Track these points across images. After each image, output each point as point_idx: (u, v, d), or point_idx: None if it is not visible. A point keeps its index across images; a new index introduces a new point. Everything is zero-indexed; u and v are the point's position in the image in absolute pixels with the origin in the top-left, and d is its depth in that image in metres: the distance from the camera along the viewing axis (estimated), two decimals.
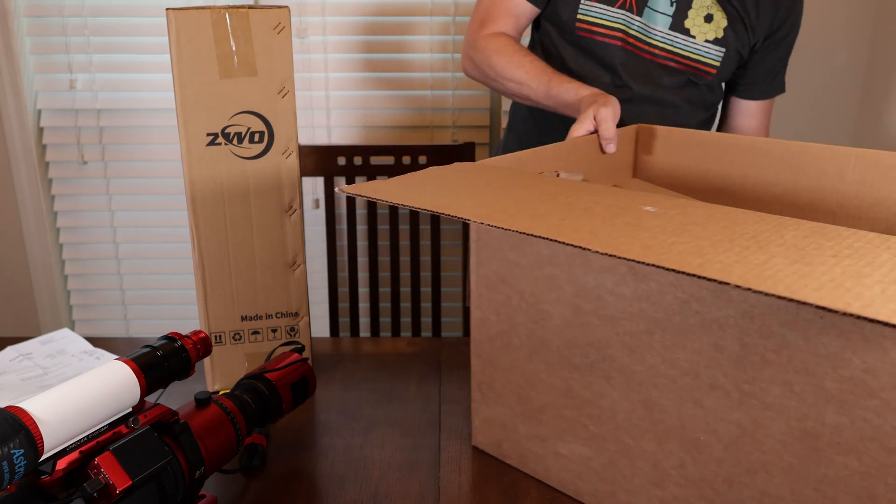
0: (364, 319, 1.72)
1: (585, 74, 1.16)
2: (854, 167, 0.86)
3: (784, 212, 0.91)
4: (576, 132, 0.95)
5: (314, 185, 1.88)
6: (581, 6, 1.14)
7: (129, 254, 1.96)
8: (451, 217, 0.59)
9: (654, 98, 1.17)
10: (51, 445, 0.51)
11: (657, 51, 1.14)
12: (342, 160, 1.50)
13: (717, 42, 1.14)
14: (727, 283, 0.44)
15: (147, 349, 0.61)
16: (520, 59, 1.12)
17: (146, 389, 0.59)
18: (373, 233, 1.54)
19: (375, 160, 1.51)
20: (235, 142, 0.83)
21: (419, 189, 0.67)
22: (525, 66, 1.11)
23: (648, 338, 0.60)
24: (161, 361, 0.61)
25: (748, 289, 0.43)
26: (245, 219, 0.86)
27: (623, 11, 1.12)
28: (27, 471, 0.49)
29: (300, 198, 0.87)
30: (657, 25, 1.13)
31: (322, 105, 1.83)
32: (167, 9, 0.78)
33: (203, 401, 0.66)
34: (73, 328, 2.02)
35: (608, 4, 1.12)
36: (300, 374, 0.77)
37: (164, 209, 1.91)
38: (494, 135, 1.88)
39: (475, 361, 0.77)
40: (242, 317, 0.89)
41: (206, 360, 0.89)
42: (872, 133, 1.79)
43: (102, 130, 1.85)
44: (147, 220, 1.93)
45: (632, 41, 1.14)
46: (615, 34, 1.14)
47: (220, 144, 0.83)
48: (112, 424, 0.57)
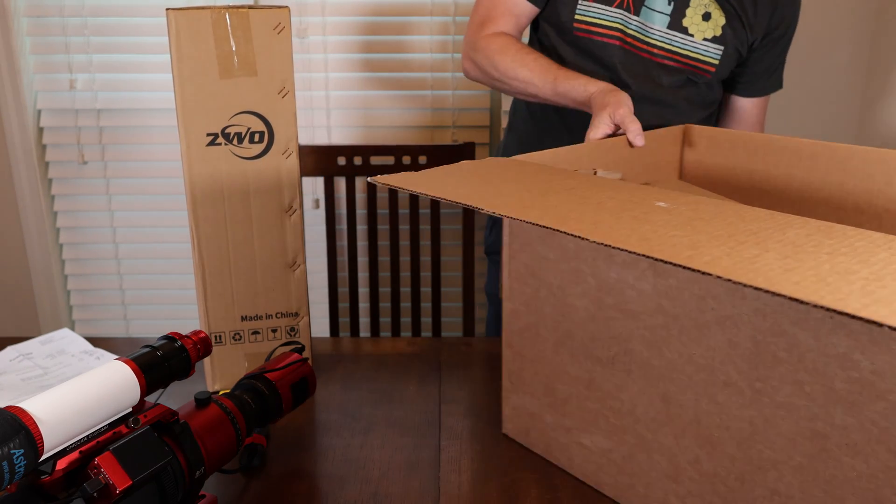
0: (364, 319, 1.72)
1: (585, 74, 1.16)
2: None
3: (829, 215, 0.90)
4: (593, 136, 0.95)
5: (314, 185, 1.88)
6: (579, 6, 1.13)
7: (129, 254, 1.96)
8: (466, 206, 0.61)
9: (654, 98, 1.17)
10: (51, 445, 0.51)
11: (656, 50, 1.14)
12: (342, 160, 1.50)
13: (716, 40, 1.14)
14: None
15: (147, 349, 0.61)
16: (523, 58, 1.12)
17: (146, 389, 0.59)
18: (373, 233, 1.54)
19: (375, 160, 1.51)
20: (235, 142, 0.83)
21: (447, 181, 0.69)
22: (529, 65, 1.11)
23: (666, 333, 0.61)
24: (161, 361, 0.61)
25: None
26: (245, 219, 0.86)
27: (621, 11, 1.12)
28: (27, 471, 0.49)
29: (300, 198, 0.87)
30: (655, 24, 1.13)
31: (322, 105, 1.83)
32: (167, 9, 0.78)
33: (203, 401, 0.66)
34: (73, 328, 2.02)
35: (606, 4, 1.12)
36: (300, 374, 0.77)
37: (164, 209, 1.91)
38: (494, 135, 1.88)
39: (506, 351, 0.78)
40: (242, 317, 0.89)
41: (206, 360, 0.89)
42: (874, 132, 1.79)
43: (102, 130, 1.85)
44: (147, 220, 1.93)
45: (630, 40, 1.14)
46: (613, 33, 1.14)
47: (220, 144, 0.83)
48: (112, 424, 0.57)
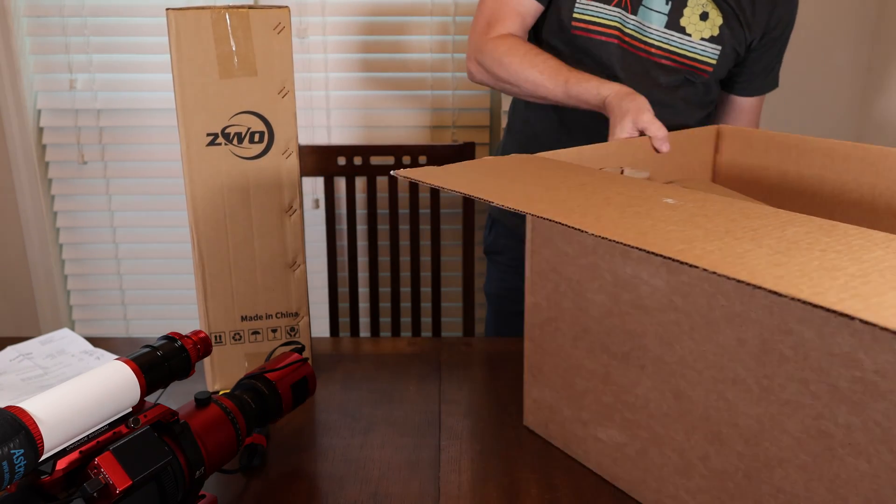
0: (364, 319, 1.72)
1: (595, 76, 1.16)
2: None
3: (862, 217, 0.89)
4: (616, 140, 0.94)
5: (314, 185, 1.88)
6: (577, 4, 1.13)
7: (129, 254, 1.96)
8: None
9: (651, 97, 1.16)
10: (51, 445, 0.51)
11: (653, 49, 1.14)
12: (342, 160, 1.50)
13: (713, 40, 1.14)
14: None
15: (147, 349, 0.61)
16: (532, 59, 1.10)
17: (146, 389, 0.59)
18: (373, 233, 1.54)
19: (375, 160, 1.51)
20: (235, 142, 0.83)
21: (466, 176, 0.70)
22: (539, 66, 1.09)
23: (678, 329, 0.62)
24: (161, 361, 0.61)
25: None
26: (245, 219, 0.86)
27: (619, 10, 1.12)
28: (27, 471, 0.49)
29: (300, 198, 0.87)
30: (653, 24, 1.13)
31: (322, 105, 1.83)
32: (167, 9, 0.78)
33: (203, 401, 0.66)
34: (73, 328, 2.02)
35: (604, 3, 1.12)
36: (300, 374, 0.77)
37: (164, 209, 1.91)
38: (494, 135, 1.88)
39: (528, 344, 0.80)
40: (242, 317, 0.89)
41: (206, 360, 0.89)
42: (875, 132, 1.79)
43: (102, 130, 1.85)
44: (147, 220, 1.93)
45: (628, 39, 1.14)
46: (611, 32, 1.13)
47: (220, 144, 0.83)
48: (112, 424, 0.57)
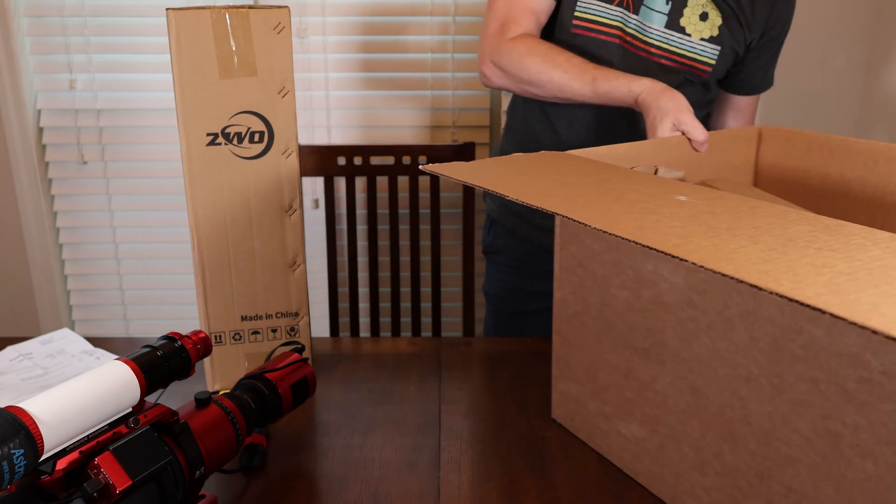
0: (364, 319, 1.72)
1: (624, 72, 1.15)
2: None
3: None
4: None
5: (314, 185, 1.88)
6: (579, 3, 1.13)
7: (129, 254, 1.96)
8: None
9: None
10: (51, 445, 0.51)
11: (654, 49, 1.14)
12: (342, 160, 1.50)
13: (713, 40, 1.14)
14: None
15: (147, 349, 0.61)
16: (555, 59, 1.08)
17: (146, 389, 0.59)
18: (373, 233, 1.54)
19: (375, 160, 1.51)
20: (235, 142, 0.83)
21: (488, 171, 0.72)
22: (563, 66, 1.07)
23: (695, 326, 0.62)
24: (161, 361, 0.61)
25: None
26: (245, 219, 0.86)
27: (621, 10, 1.12)
28: (27, 471, 0.49)
29: (300, 198, 0.87)
30: (653, 24, 1.13)
31: (322, 105, 1.83)
32: (167, 9, 0.78)
33: (203, 401, 0.66)
34: (73, 328, 2.02)
35: (606, 2, 1.12)
36: (300, 375, 0.77)
37: (164, 209, 1.91)
38: (494, 135, 1.88)
39: (556, 338, 0.81)
40: (242, 317, 0.89)
41: (206, 360, 0.89)
42: (874, 132, 1.79)
43: (102, 130, 1.85)
44: (147, 220, 1.93)
45: (629, 39, 1.14)
46: (613, 31, 1.13)
47: (220, 144, 0.83)
48: (112, 424, 0.57)
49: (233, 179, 0.84)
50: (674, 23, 1.13)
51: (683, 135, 0.95)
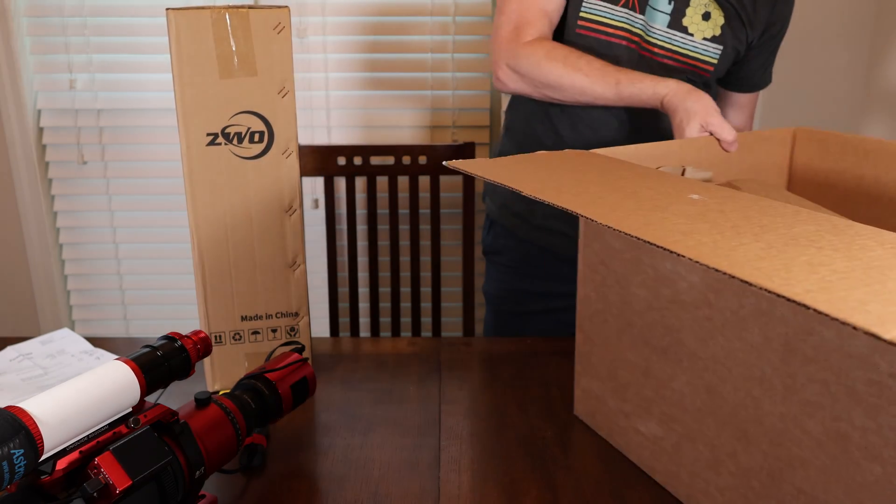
0: (364, 319, 1.72)
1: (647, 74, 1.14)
2: None
3: None
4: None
5: (314, 185, 1.88)
6: (584, 4, 1.12)
7: (129, 254, 1.96)
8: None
9: None
10: (51, 445, 0.51)
11: (657, 49, 1.14)
12: (342, 160, 1.50)
13: (715, 40, 1.14)
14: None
15: (147, 349, 0.61)
16: (575, 62, 1.07)
17: (146, 389, 0.59)
18: (373, 233, 1.54)
19: (375, 160, 1.51)
20: (235, 142, 0.83)
21: (508, 168, 0.73)
22: (584, 69, 1.06)
23: (711, 325, 0.62)
24: (161, 361, 0.61)
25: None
26: (245, 219, 0.86)
27: (626, 10, 1.12)
28: (27, 471, 0.49)
29: (300, 198, 0.87)
30: (657, 24, 1.13)
31: (322, 105, 1.83)
32: (167, 9, 0.78)
33: (203, 401, 0.66)
34: (73, 328, 2.02)
35: (612, 3, 1.12)
36: (300, 375, 0.77)
37: (164, 209, 1.91)
38: (494, 135, 1.88)
39: (579, 335, 0.82)
40: (242, 317, 0.89)
41: (206, 360, 0.89)
42: (874, 132, 1.79)
43: (102, 130, 1.85)
44: (147, 220, 1.93)
45: (636, 39, 1.14)
46: (620, 33, 1.13)
47: (220, 144, 0.83)
48: (112, 424, 0.57)
49: (233, 179, 0.84)
50: (676, 22, 1.13)
51: (712, 135, 0.95)
